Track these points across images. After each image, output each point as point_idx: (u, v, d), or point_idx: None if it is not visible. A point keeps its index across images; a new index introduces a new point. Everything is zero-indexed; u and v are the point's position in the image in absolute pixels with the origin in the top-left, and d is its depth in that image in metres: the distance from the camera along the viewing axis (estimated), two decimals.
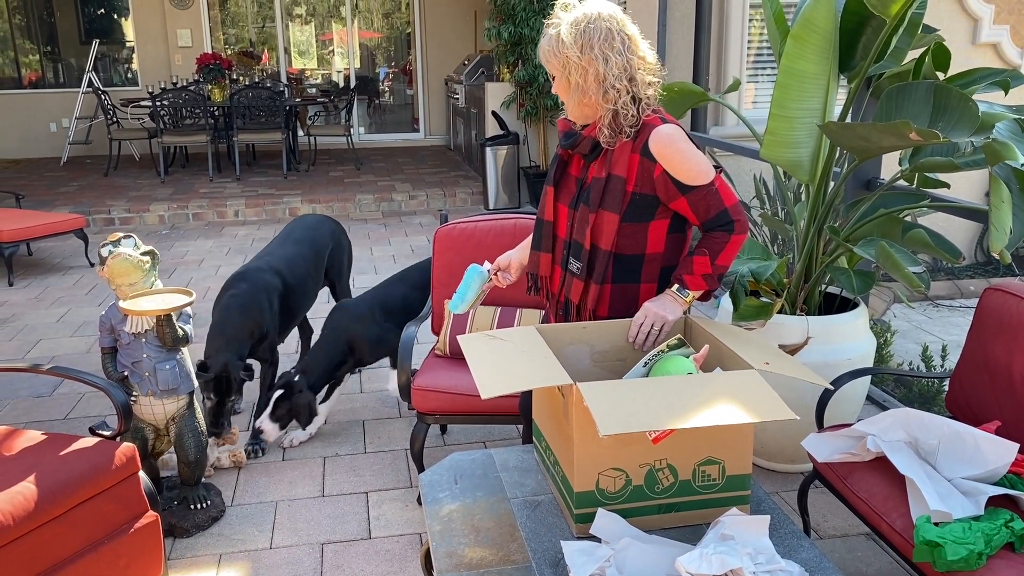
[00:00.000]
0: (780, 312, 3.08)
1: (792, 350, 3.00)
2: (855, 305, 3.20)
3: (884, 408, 3.63)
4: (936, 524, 1.93)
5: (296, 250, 3.83)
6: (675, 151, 2.07)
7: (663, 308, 2.09)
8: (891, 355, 4.29)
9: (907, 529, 2.02)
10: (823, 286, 3.24)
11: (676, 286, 2.12)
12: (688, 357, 1.93)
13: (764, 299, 3.09)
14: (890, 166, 3.15)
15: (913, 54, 3.04)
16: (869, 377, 3.39)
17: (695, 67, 5.70)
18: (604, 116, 2.10)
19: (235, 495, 3.13)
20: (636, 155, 2.09)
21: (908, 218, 3.08)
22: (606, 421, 1.58)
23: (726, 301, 3.24)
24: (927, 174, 2.95)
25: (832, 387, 2.20)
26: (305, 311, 3.85)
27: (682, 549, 1.67)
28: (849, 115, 3.04)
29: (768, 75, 6.74)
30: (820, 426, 2.61)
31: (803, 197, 4.15)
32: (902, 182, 3.03)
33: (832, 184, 3.11)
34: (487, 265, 2.37)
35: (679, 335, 2.09)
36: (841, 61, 2.91)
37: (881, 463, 2.25)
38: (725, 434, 1.81)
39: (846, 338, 3.03)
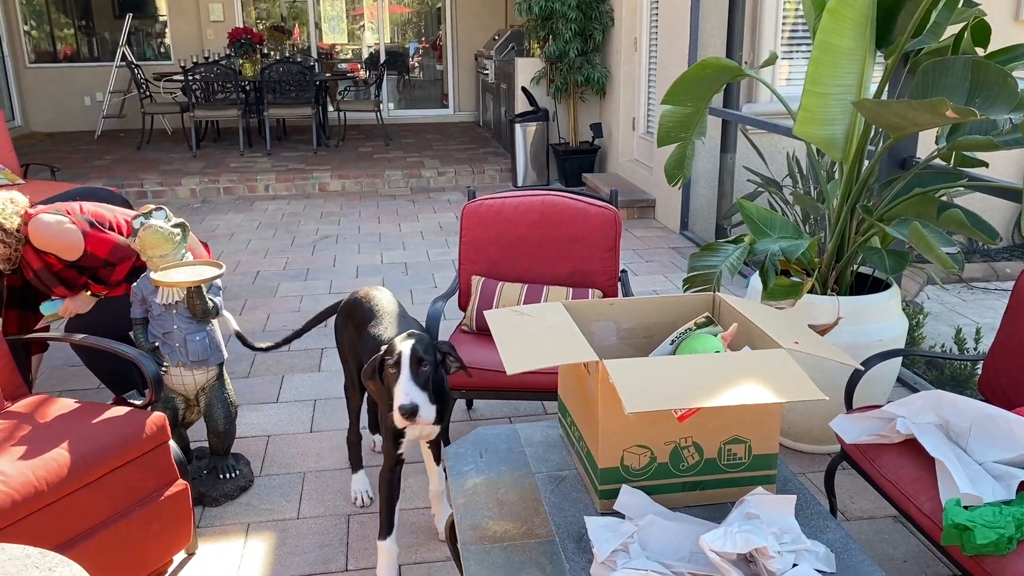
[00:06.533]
0: (811, 292, 3.04)
1: (822, 330, 2.97)
2: (887, 286, 3.15)
3: (915, 390, 3.59)
4: (966, 507, 1.91)
5: None
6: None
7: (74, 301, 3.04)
8: (923, 337, 4.23)
9: (936, 512, 2.00)
10: (855, 266, 3.20)
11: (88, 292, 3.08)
12: (716, 335, 1.92)
13: (794, 278, 3.05)
14: (926, 144, 3.09)
15: (952, 29, 2.97)
16: (900, 359, 3.34)
17: (729, 42, 5.62)
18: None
19: (263, 465, 3.17)
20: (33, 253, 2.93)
21: (944, 198, 3.02)
22: (632, 398, 1.58)
23: (756, 280, 3.21)
24: (964, 153, 2.89)
25: (862, 367, 2.17)
26: None
27: (706, 527, 1.67)
28: (885, 92, 2.98)
29: (803, 51, 6.62)
30: (849, 407, 2.58)
31: (836, 175, 4.09)
32: (938, 161, 2.97)
33: (866, 162, 3.06)
34: None
35: (707, 313, 2.07)
36: (878, 36, 2.85)
37: (910, 445, 2.23)
38: (752, 413, 1.80)
39: (877, 319, 2.99)
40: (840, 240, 3.07)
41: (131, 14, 10.90)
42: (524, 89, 8.30)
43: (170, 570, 2.59)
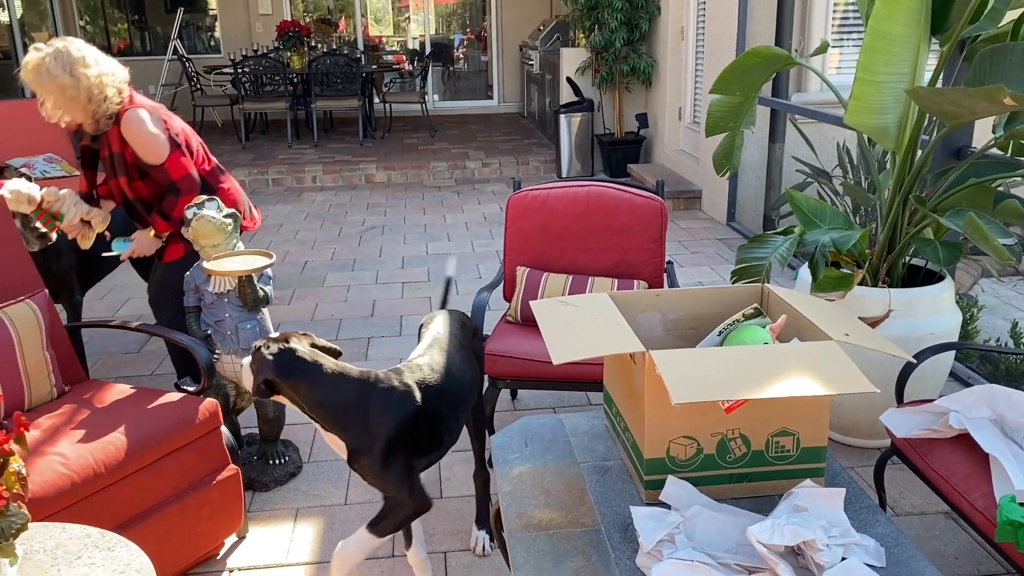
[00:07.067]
0: (861, 284, 3.00)
1: (872, 323, 2.92)
2: (940, 278, 3.09)
3: (968, 385, 3.51)
4: (1021, 504, 1.87)
5: None
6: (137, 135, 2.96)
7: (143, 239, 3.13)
8: (977, 331, 4.14)
9: (989, 508, 1.96)
10: (907, 258, 3.14)
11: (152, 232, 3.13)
12: (764, 327, 1.90)
13: (845, 270, 3.01)
14: (982, 134, 3.02)
15: (1012, 15, 2.89)
16: (953, 353, 3.28)
17: (778, 30, 5.54)
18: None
19: (312, 452, 3.22)
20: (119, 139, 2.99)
21: (1000, 188, 2.95)
22: (679, 389, 1.57)
23: (804, 272, 3.17)
24: (1022, 142, 2.82)
25: (915, 360, 2.14)
26: None
27: (753, 519, 1.66)
28: (940, 80, 2.91)
29: (854, 39, 6.49)
30: (899, 401, 2.54)
31: (887, 165, 4.01)
32: (995, 150, 2.89)
33: (919, 152, 3.00)
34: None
35: (756, 304, 2.05)
36: (933, 23, 2.78)
37: (963, 440, 2.19)
38: (800, 405, 1.78)
39: (930, 312, 2.93)
40: (892, 231, 3.02)
41: (182, 8, 11.09)
42: (569, 79, 8.27)
43: (221, 553, 2.65)
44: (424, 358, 2.32)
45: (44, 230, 3.12)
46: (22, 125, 6.59)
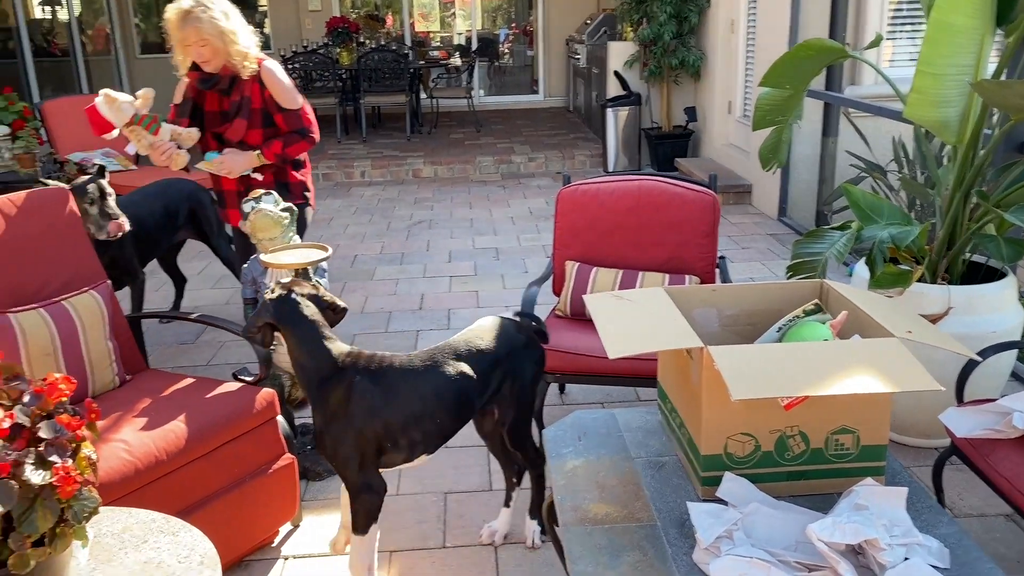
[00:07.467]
0: (920, 280, 2.94)
1: (931, 320, 2.86)
2: (1002, 275, 3.01)
3: None
4: None
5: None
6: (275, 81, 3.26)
7: (235, 158, 3.27)
8: None
9: None
10: (967, 254, 3.07)
11: (257, 151, 3.28)
12: (825, 323, 1.88)
13: (903, 266, 2.95)
14: None
15: None
16: (1015, 352, 3.20)
17: (832, 22, 5.44)
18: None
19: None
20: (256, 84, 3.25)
21: None
22: (739, 385, 1.56)
23: (861, 268, 3.12)
24: None
25: (979, 358, 2.09)
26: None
27: (812, 517, 1.64)
28: (1004, 72, 2.84)
29: (907, 32, 6.35)
30: (960, 400, 2.49)
31: (945, 160, 3.92)
32: None
33: (981, 146, 2.93)
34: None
35: (816, 300, 2.03)
36: (999, 13, 2.71)
37: None
38: (861, 403, 1.75)
39: (991, 310, 2.87)
40: (952, 227, 2.95)
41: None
42: (617, 73, 8.22)
43: (276, 540, 2.70)
44: (421, 354, 2.30)
45: (150, 138, 3.14)
46: (81, 121, 6.75)
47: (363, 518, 2.24)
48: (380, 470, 2.26)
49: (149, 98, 3.10)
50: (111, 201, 3.30)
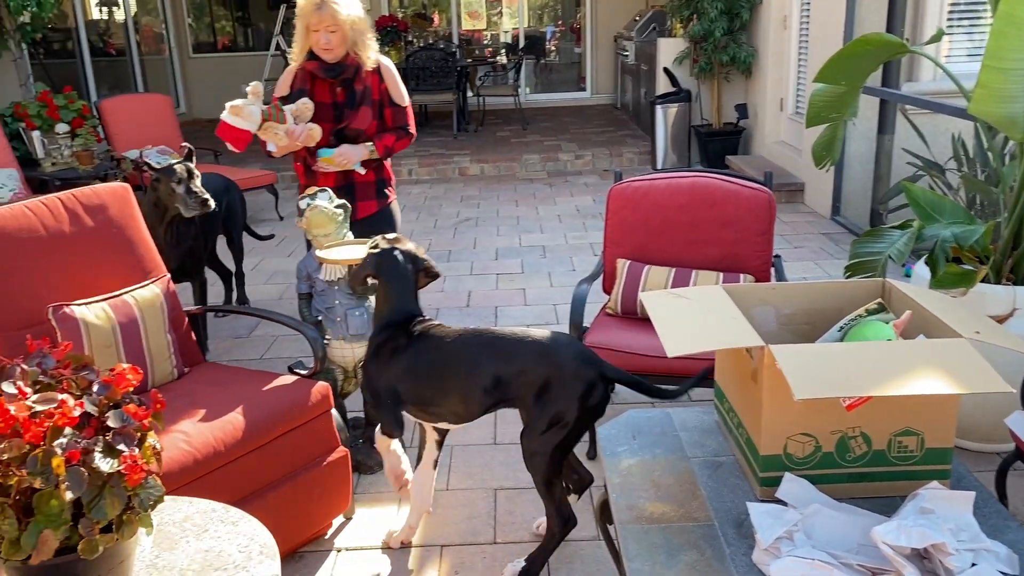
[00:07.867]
0: (983, 280, 2.86)
1: (996, 321, 2.79)
2: None
3: None
4: None
5: None
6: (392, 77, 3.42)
7: (353, 149, 3.32)
8: None
9: None
10: None
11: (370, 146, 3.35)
12: (888, 323, 1.84)
13: (966, 266, 2.88)
14: None
15: None
16: None
17: (889, 16, 5.33)
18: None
19: (414, 437, 3.28)
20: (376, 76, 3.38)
21: None
22: (801, 385, 1.54)
23: (921, 268, 3.05)
24: None
25: None
26: None
27: (875, 519, 1.61)
28: None
29: (966, 27, 6.19)
30: None
31: (1006, 159, 3.82)
32: None
33: None
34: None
35: (879, 299, 1.99)
36: None
37: None
38: (926, 404, 1.71)
39: None
40: (1018, 226, 2.87)
41: (285, 5, 11.40)
42: (666, 70, 8.16)
43: (329, 532, 2.73)
44: (459, 335, 2.39)
45: (283, 127, 3.18)
46: (137, 119, 6.91)
47: (374, 420, 2.55)
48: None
49: (260, 91, 3.13)
50: (197, 182, 3.48)
